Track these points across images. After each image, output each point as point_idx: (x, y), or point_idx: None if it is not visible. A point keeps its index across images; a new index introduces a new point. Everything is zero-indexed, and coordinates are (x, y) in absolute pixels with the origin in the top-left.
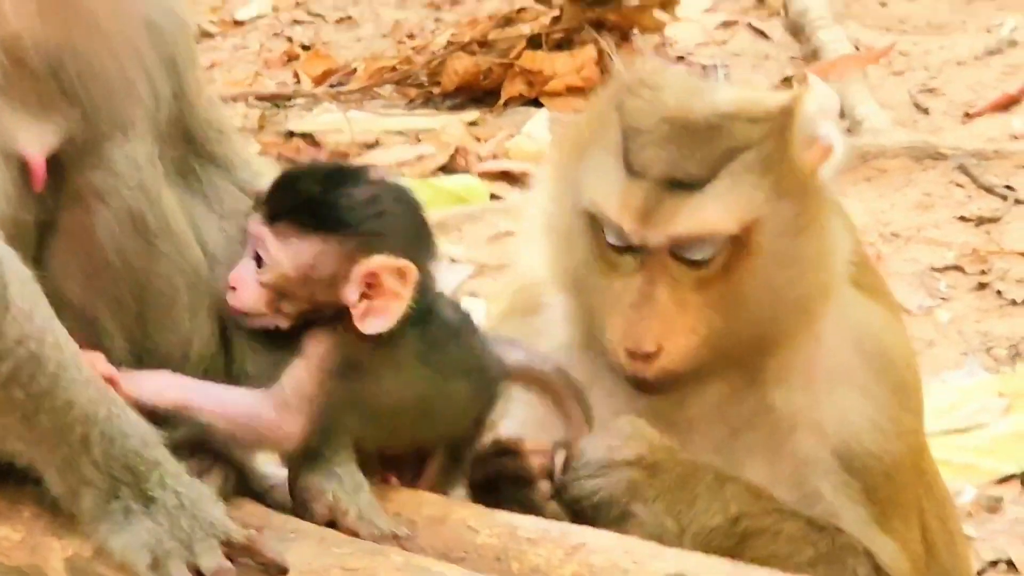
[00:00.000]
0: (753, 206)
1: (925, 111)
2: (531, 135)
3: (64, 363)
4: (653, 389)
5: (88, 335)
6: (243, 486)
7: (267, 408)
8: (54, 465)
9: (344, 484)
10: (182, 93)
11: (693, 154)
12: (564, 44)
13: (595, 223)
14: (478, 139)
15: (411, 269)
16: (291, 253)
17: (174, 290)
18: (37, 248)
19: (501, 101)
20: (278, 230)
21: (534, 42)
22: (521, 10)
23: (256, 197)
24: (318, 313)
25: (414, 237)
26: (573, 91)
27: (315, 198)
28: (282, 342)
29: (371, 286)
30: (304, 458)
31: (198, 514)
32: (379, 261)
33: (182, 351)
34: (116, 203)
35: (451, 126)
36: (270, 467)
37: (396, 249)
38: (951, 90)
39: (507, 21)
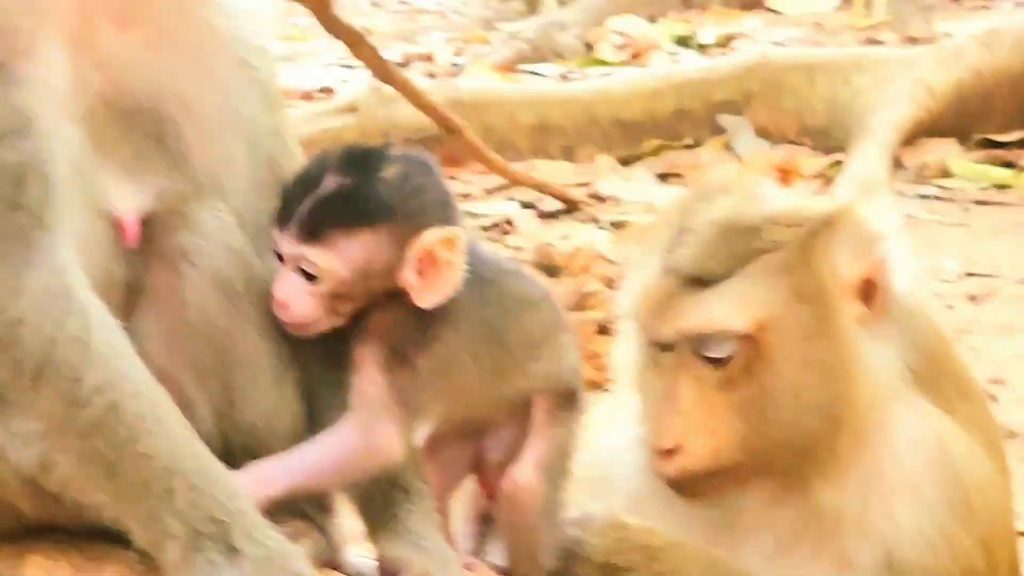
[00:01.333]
0: (767, 307)
1: (994, 398)
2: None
3: (142, 413)
4: (685, 491)
5: (173, 401)
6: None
7: (356, 436)
8: (137, 518)
9: (433, 556)
10: (276, 133)
11: (718, 253)
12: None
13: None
14: None
15: (458, 235)
16: (343, 259)
17: (260, 359)
18: (125, 308)
19: None
20: (320, 242)
21: (604, 329)
22: (590, 295)
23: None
24: (374, 302)
25: (448, 204)
26: None
27: (351, 192)
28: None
29: (424, 262)
30: (390, 530)
31: (286, 566)
32: (430, 236)
33: (268, 425)
34: (204, 265)
35: None
36: (358, 557)
37: (438, 220)
38: (1020, 382)
39: (577, 307)
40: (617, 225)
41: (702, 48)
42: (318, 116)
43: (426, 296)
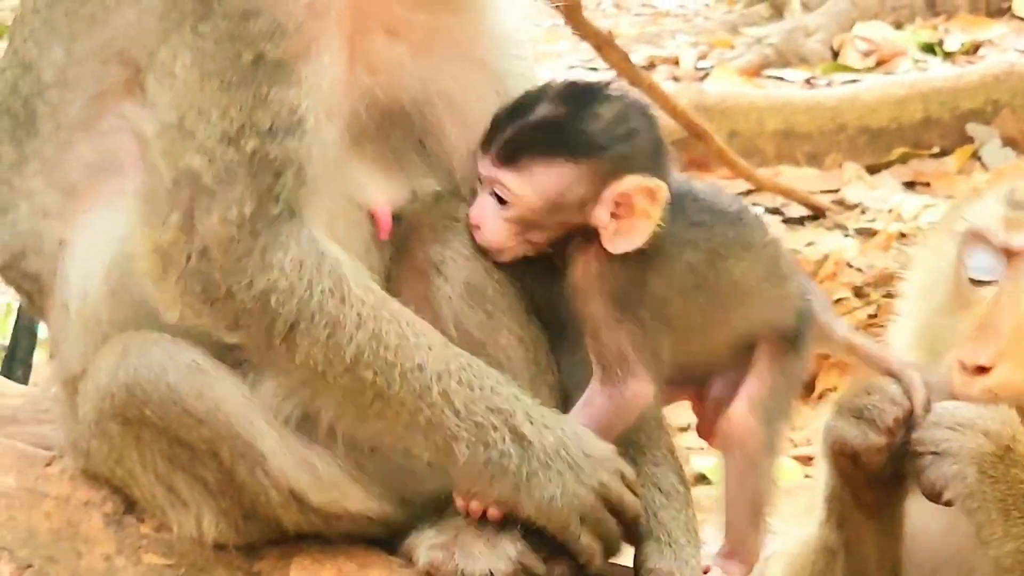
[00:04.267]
0: None
1: None
2: None
3: (403, 332)
4: None
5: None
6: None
7: (606, 398)
8: (420, 431)
9: (693, 571)
10: None
11: None
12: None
13: (960, 258)
14: (792, 427)
15: (661, 188)
16: (536, 185)
17: (514, 366)
18: None
19: (815, 393)
20: (516, 167)
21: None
22: (837, 302)
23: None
24: (566, 237)
25: (659, 153)
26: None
27: (561, 123)
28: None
29: (621, 206)
30: (650, 533)
31: (582, 448)
32: (632, 182)
33: None
34: (456, 276)
35: None
36: None
37: (645, 168)
38: None
39: None
40: (863, 232)
41: (948, 55)
42: None
43: (615, 240)
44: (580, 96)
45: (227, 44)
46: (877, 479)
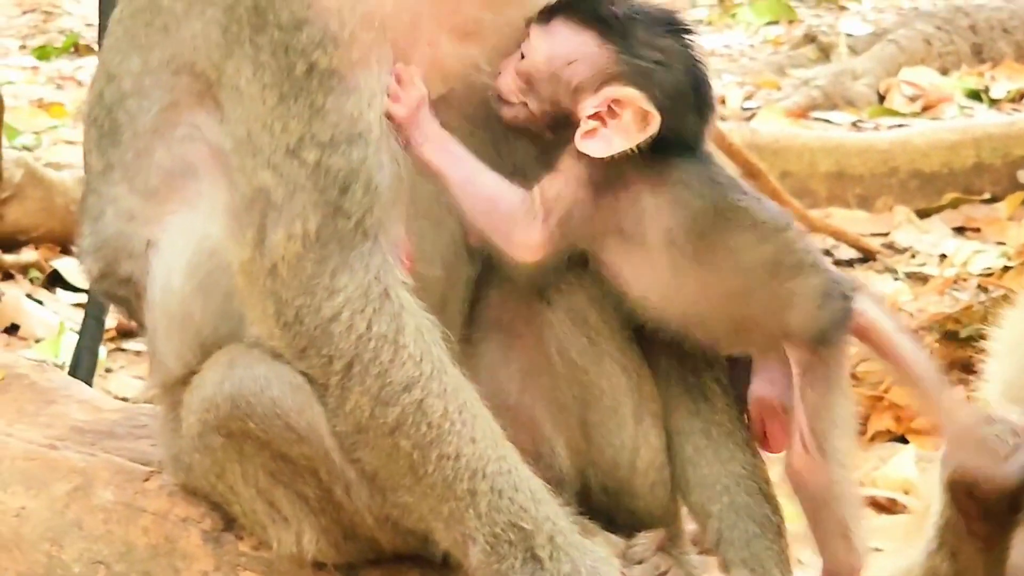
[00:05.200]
0: None
1: None
2: (898, 470)
3: (449, 413)
4: None
5: (527, 439)
6: None
7: (511, 203)
8: (440, 518)
9: None
10: None
11: None
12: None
13: None
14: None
15: (655, 120)
16: (552, 45)
17: (618, 395)
18: (467, 303)
19: (867, 435)
20: (549, 24)
21: None
22: None
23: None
24: (558, 119)
25: (680, 108)
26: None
27: (618, 11)
28: None
29: (610, 112)
30: (746, 568)
31: None
32: (633, 94)
33: (629, 461)
34: (562, 303)
35: None
36: None
37: (656, 101)
38: None
39: None
40: (913, 276)
41: (994, 102)
42: None
43: (585, 140)
44: (658, 17)
45: (282, 55)
46: (992, 510)
